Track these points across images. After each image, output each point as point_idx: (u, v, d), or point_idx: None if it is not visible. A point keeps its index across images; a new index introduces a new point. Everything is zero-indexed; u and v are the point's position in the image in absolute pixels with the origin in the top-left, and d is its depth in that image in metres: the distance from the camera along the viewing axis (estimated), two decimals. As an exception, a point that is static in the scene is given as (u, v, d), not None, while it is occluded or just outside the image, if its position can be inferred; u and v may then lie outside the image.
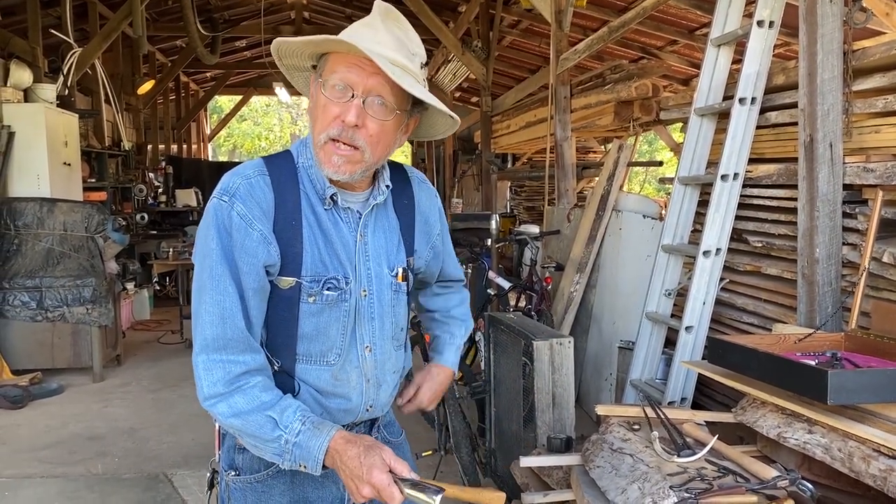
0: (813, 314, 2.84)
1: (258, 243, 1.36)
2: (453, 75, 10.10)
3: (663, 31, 7.24)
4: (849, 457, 1.92)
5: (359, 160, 1.37)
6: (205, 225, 1.38)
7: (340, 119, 1.34)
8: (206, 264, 1.36)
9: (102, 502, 3.67)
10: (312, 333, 1.42)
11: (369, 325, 1.47)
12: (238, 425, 1.34)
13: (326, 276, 1.41)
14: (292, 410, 1.33)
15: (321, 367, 1.44)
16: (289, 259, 1.39)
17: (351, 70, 1.33)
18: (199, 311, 1.37)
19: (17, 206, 5.99)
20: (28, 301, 5.75)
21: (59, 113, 6.76)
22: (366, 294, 1.46)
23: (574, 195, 5.93)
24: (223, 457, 1.52)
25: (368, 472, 1.26)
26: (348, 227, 1.45)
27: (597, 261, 5.03)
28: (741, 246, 3.53)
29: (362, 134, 1.35)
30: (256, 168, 1.42)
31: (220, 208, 1.36)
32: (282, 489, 1.47)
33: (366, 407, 1.51)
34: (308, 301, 1.40)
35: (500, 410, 3.60)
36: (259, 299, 1.38)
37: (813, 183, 2.81)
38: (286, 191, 1.41)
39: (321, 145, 1.37)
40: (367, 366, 1.48)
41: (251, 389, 1.34)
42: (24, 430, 4.78)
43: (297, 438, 1.30)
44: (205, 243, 1.37)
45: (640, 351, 3.83)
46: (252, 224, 1.36)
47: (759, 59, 3.27)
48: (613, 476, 2.10)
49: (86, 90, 8.79)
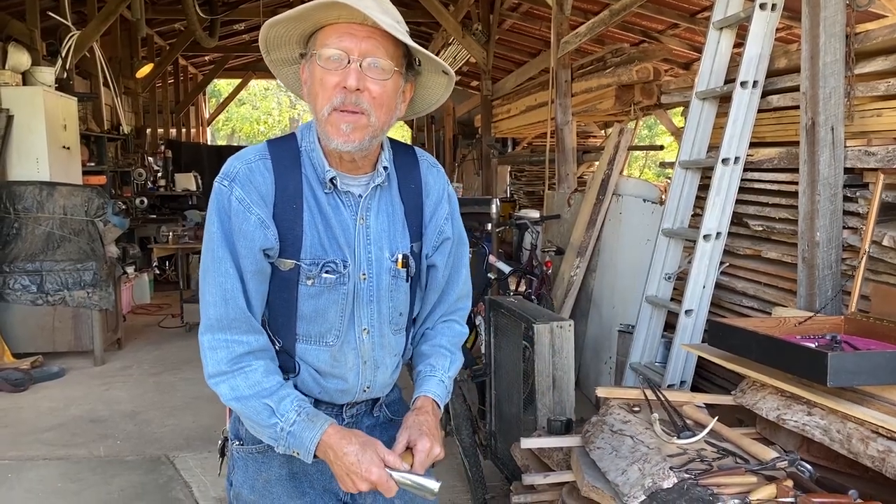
0: (813, 298, 2.85)
1: (256, 227, 1.38)
2: (453, 59, 10.05)
3: (665, 14, 7.20)
4: (847, 438, 1.94)
5: (366, 124, 1.37)
6: (209, 209, 1.41)
7: (341, 86, 1.34)
8: (209, 247, 1.40)
9: (105, 484, 3.69)
10: (311, 315, 1.44)
11: (367, 308, 1.48)
12: (238, 408, 1.40)
13: (325, 260, 1.42)
14: (290, 400, 1.38)
15: (320, 347, 1.46)
16: (289, 242, 1.41)
17: (343, 38, 1.34)
18: (204, 292, 1.41)
19: (16, 190, 5.98)
20: (28, 285, 5.76)
21: (58, 96, 6.73)
22: (365, 278, 1.46)
23: (574, 180, 5.93)
24: (230, 426, 1.58)
25: (367, 469, 1.32)
26: (349, 210, 1.45)
27: (597, 245, 5.03)
28: (741, 230, 3.53)
29: (365, 97, 1.35)
30: (259, 152, 1.43)
31: (220, 193, 1.39)
32: (281, 461, 1.51)
33: (363, 388, 1.53)
34: (307, 283, 1.42)
35: (501, 393, 3.61)
36: (258, 281, 1.41)
37: (814, 166, 2.81)
38: (287, 174, 1.42)
39: (326, 118, 1.37)
40: (364, 348, 1.49)
41: (253, 373, 1.38)
42: (26, 412, 4.80)
43: (292, 428, 1.36)
44: (208, 228, 1.41)
45: (640, 334, 3.85)
46: (250, 209, 1.37)
47: (761, 43, 3.26)
48: (614, 457, 2.11)
49: (84, 73, 8.75)
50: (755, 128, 3.35)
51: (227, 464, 1.60)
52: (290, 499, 1.52)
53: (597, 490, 2.08)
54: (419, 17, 9.86)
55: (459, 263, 1.64)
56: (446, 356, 1.60)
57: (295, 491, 1.52)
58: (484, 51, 8.60)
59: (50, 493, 3.59)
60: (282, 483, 1.52)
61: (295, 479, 1.53)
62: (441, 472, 3.70)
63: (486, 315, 3.76)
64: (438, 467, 1.53)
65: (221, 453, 1.62)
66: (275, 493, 1.52)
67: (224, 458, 1.61)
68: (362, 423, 1.59)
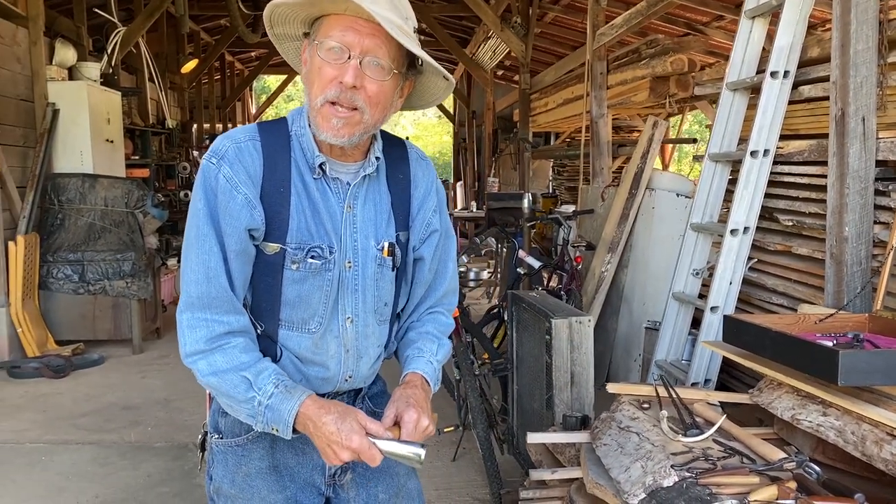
0: (841, 295, 2.74)
1: (242, 207, 1.36)
2: (493, 52, 9.99)
3: (709, 5, 7.02)
4: (862, 440, 1.86)
5: (358, 121, 1.36)
6: (196, 185, 1.40)
7: (338, 80, 1.33)
8: (193, 223, 1.38)
9: (133, 469, 3.77)
10: (295, 300, 1.43)
11: (352, 296, 1.47)
12: (215, 384, 1.36)
13: (311, 245, 1.41)
14: (268, 374, 1.35)
15: (302, 334, 1.45)
16: (275, 225, 1.39)
17: (346, 32, 1.33)
18: (186, 268, 1.39)
19: (60, 182, 6.15)
20: (71, 274, 5.92)
21: (102, 91, 6.89)
22: (350, 266, 1.45)
23: (609, 174, 5.84)
24: (210, 420, 1.55)
25: (348, 437, 1.28)
26: (337, 197, 1.44)
27: (629, 240, 4.94)
28: (772, 225, 3.43)
29: (361, 95, 1.34)
30: (248, 133, 1.42)
31: (208, 170, 1.38)
32: (261, 454, 1.48)
33: (345, 377, 1.50)
34: (291, 268, 1.41)
35: (523, 388, 3.58)
36: (242, 262, 1.39)
37: (843, 159, 2.71)
38: (276, 157, 1.41)
39: (318, 108, 1.36)
40: (347, 336, 1.48)
41: (231, 350, 1.36)
42: (65, 398, 4.93)
43: (270, 401, 1.32)
44: (194, 203, 1.39)
45: (666, 331, 3.77)
46: (237, 187, 1.36)
47: (793, 31, 3.15)
48: (618, 454, 2.07)
49: (131, 69, 8.95)
50: (788, 120, 3.24)
51: (205, 459, 1.57)
52: (271, 493, 1.49)
53: (600, 487, 2.04)
54: (460, 10, 9.84)
55: (447, 257, 1.62)
56: (434, 341, 1.58)
57: (276, 485, 1.50)
58: (522, 44, 8.52)
59: (80, 476, 3.68)
60: (262, 476, 1.49)
61: (276, 473, 1.50)
62: (461, 466, 3.72)
63: (509, 310, 3.73)
64: (459, 461, 1.49)
65: (201, 448, 1.60)
66: (255, 487, 1.49)
67: (203, 453, 1.59)
68: None
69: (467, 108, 13.78)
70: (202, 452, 1.60)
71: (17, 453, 3.96)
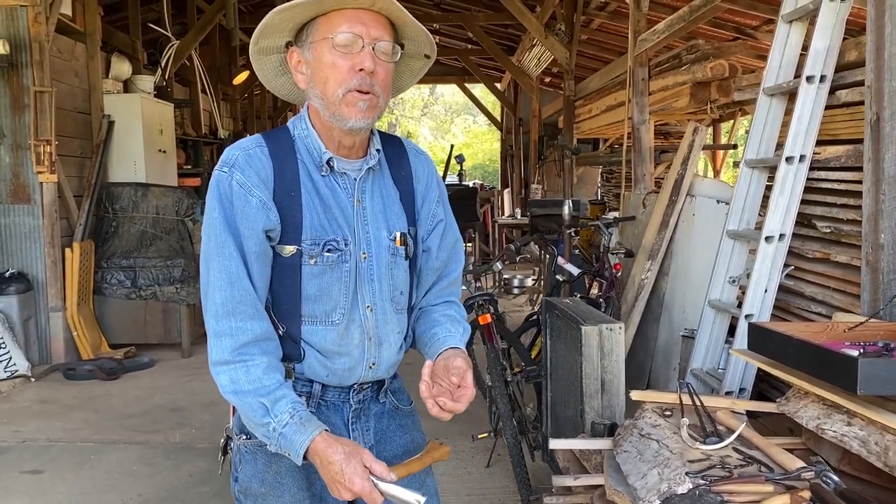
0: (877, 303, 2.68)
1: (258, 209, 1.43)
2: (538, 60, 9.98)
3: (758, 9, 6.90)
4: (885, 451, 1.82)
5: (375, 105, 1.45)
6: (209, 197, 1.46)
7: (357, 69, 1.41)
8: (212, 234, 1.44)
9: (176, 469, 3.89)
10: (316, 294, 1.48)
11: (370, 286, 1.52)
12: (235, 401, 1.43)
13: (326, 238, 1.47)
14: (285, 402, 1.39)
15: (326, 327, 1.50)
16: (289, 227, 1.45)
17: (354, 24, 1.41)
18: (208, 278, 1.44)
19: (114, 191, 6.39)
20: (123, 280, 6.14)
21: (155, 102, 7.14)
22: (366, 257, 1.51)
23: (651, 180, 5.79)
24: (235, 422, 1.58)
25: (350, 480, 1.33)
26: (345, 192, 1.51)
27: (670, 247, 4.89)
28: (811, 232, 3.36)
29: (377, 80, 1.43)
30: (255, 141, 1.50)
31: (221, 179, 1.44)
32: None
33: (369, 364, 1.55)
34: (310, 263, 1.46)
35: (557, 396, 3.57)
36: (262, 264, 1.45)
37: (878, 164, 2.65)
38: (284, 160, 1.48)
39: (341, 99, 1.42)
40: (368, 324, 1.53)
41: (255, 368, 1.41)
42: (116, 399, 5.12)
43: (284, 430, 1.38)
44: (209, 214, 1.45)
45: (702, 340, 3.72)
46: (251, 191, 1.43)
47: (830, 35, 3.09)
48: (637, 461, 2.07)
49: (184, 81, 9.23)
50: (828, 125, 3.19)
51: (227, 462, 1.62)
52: (300, 490, 1.53)
53: (619, 493, 2.04)
54: (505, 19, 9.87)
55: (457, 246, 1.70)
56: (458, 324, 1.63)
57: (304, 482, 1.54)
58: (566, 50, 8.50)
59: (125, 475, 3.82)
60: (292, 474, 1.53)
61: (305, 470, 1.53)
62: (495, 473, 3.74)
63: (544, 317, 3.73)
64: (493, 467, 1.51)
65: (224, 451, 1.64)
66: (285, 484, 1.53)
67: (226, 456, 1.63)
68: (370, 410, 1.62)
69: (514, 115, 13.78)
70: (224, 456, 1.64)
71: (69, 451, 4.13)
